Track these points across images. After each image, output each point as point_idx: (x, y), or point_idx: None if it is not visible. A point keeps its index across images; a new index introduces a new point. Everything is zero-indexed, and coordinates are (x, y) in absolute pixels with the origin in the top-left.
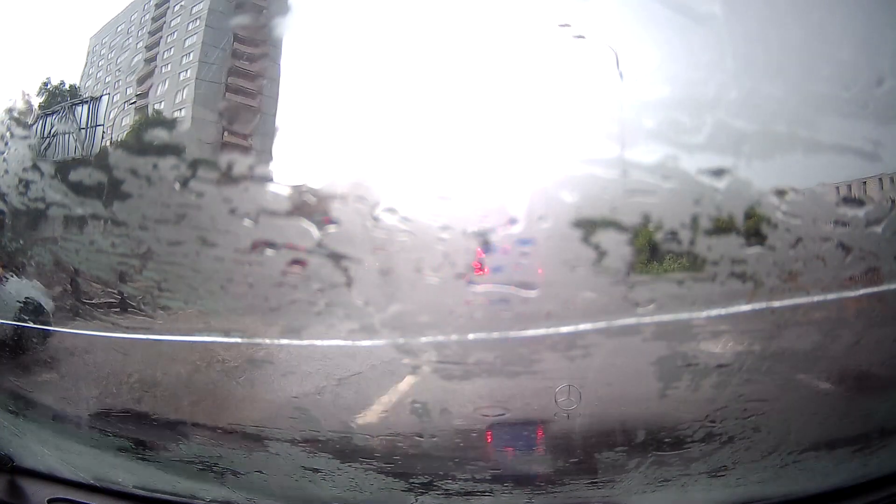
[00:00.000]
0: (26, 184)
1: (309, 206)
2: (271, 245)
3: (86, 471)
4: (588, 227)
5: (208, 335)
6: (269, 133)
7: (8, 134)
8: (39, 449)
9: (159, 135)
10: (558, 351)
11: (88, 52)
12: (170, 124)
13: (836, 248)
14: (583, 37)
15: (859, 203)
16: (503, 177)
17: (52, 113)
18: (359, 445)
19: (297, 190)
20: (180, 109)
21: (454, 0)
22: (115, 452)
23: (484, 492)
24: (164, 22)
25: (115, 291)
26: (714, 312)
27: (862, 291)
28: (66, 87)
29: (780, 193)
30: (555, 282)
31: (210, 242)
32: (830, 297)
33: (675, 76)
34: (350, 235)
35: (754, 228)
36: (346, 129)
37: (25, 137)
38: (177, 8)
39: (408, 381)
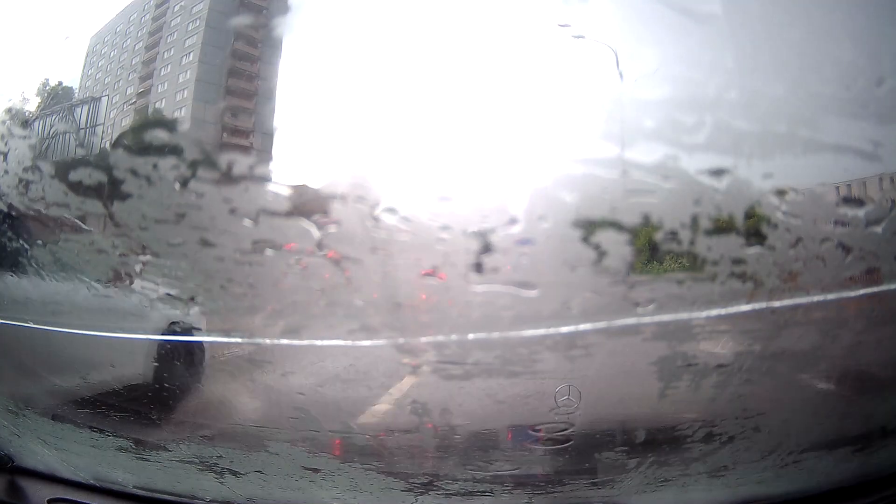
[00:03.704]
0: (26, 184)
1: (309, 206)
2: (271, 245)
3: (86, 471)
4: (588, 227)
5: (208, 335)
6: (269, 133)
7: (8, 134)
8: (39, 449)
9: (159, 135)
10: (558, 351)
11: (88, 52)
12: (170, 124)
13: (836, 248)
14: (582, 37)
15: (859, 203)
16: (503, 177)
17: (52, 113)
18: (359, 445)
19: (297, 190)
20: (180, 109)
21: (454, 0)
22: (115, 452)
23: (484, 492)
24: (164, 22)
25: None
26: (714, 312)
27: (862, 291)
28: (66, 87)
29: (780, 193)
30: (555, 282)
31: (210, 242)
32: (830, 297)
33: (675, 76)
34: (350, 235)
35: (754, 228)
36: (346, 129)
37: (25, 137)
38: (177, 8)
39: (408, 381)
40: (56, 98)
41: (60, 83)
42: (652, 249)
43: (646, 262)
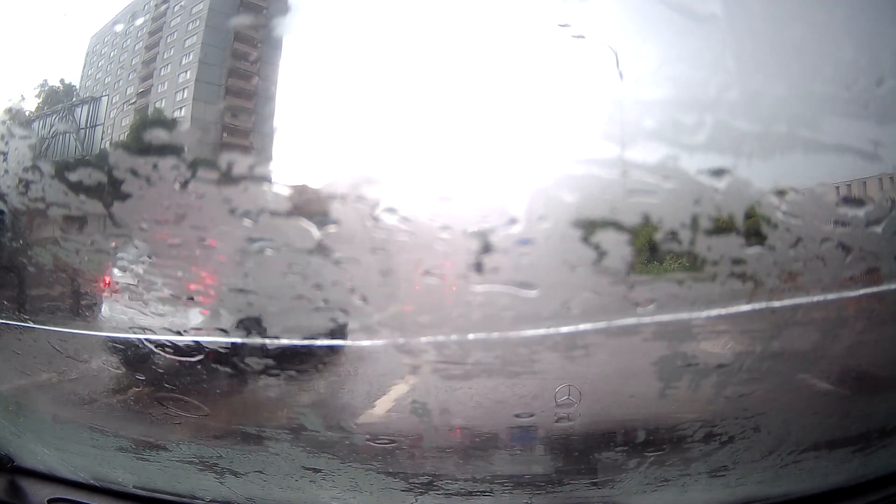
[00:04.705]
0: (26, 184)
1: (309, 206)
2: (271, 245)
3: (86, 471)
4: (588, 227)
5: (208, 335)
6: (269, 133)
7: (8, 134)
8: (39, 449)
9: (159, 135)
10: (558, 351)
11: (88, 52)
12: (170, 124)
13: (836, 248)
14: (582, 37)
15: (859, 203)
16: (503, 177)
17: (52, 113)
18: (359, 445)
19: (297, 190)
20: (180, 109)
21: (454, 0)
22: (115, 452)
23: (484, 492)
24: (164, 22)
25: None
26: (714, 312)
27: (862, 291)
28: (66, 86)
29: (780, 193)
30: (555, 282)
31: (209, 242)
32: (830, 297)
33: (675, 76)
34: (350, 235)
35: (754, 228)
36: (346, 129)
37: (25, 137)
38: (177, 8)
39: (408, 381)
40: (56, 98)
41: (61, 83)
42: (652, 249)
43: (646, 262)
